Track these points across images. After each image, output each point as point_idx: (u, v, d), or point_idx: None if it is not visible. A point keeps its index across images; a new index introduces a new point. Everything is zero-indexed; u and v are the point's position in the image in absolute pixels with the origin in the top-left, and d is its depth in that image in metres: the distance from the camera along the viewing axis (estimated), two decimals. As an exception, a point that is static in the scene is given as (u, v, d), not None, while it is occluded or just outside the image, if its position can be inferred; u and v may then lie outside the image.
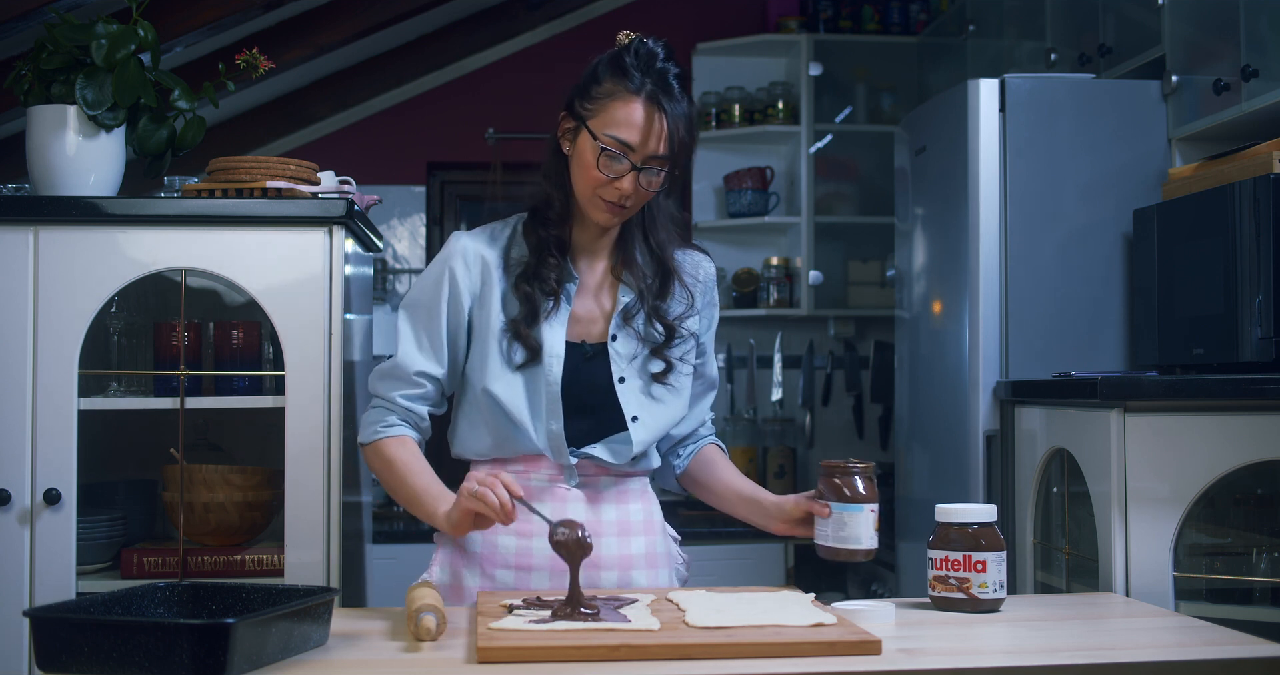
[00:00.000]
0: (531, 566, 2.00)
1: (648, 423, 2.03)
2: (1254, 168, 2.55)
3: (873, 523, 1.90)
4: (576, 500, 2.02)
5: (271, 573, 2.46)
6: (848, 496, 1.90)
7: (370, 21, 3.83)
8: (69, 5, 2.64)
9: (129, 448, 2.73)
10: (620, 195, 1.96)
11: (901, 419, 3.61)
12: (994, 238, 3.01)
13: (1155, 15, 3.00)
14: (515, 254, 2.06)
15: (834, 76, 4.66)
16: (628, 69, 1.95)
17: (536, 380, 2.00)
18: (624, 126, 1.93)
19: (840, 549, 1.90)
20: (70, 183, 2.42)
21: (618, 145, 1.93)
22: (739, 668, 1.53)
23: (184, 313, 2.46)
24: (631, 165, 1.94)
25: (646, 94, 1.93)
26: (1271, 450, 2.22)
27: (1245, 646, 1.67)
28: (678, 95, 1.95)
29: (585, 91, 1.98)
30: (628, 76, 1.94)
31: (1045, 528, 2.70)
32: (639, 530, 2.07)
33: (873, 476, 1.93)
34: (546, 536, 1.82)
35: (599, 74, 1.98)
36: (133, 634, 1.44)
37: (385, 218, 4.94)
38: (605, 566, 2.02)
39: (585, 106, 1.98)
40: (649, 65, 1.95)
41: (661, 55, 1.96)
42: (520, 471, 2.02)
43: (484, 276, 2.04)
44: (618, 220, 2.02)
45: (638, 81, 1.94)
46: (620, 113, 1.94)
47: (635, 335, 2.06)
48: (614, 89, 1.95)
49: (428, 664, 1.57)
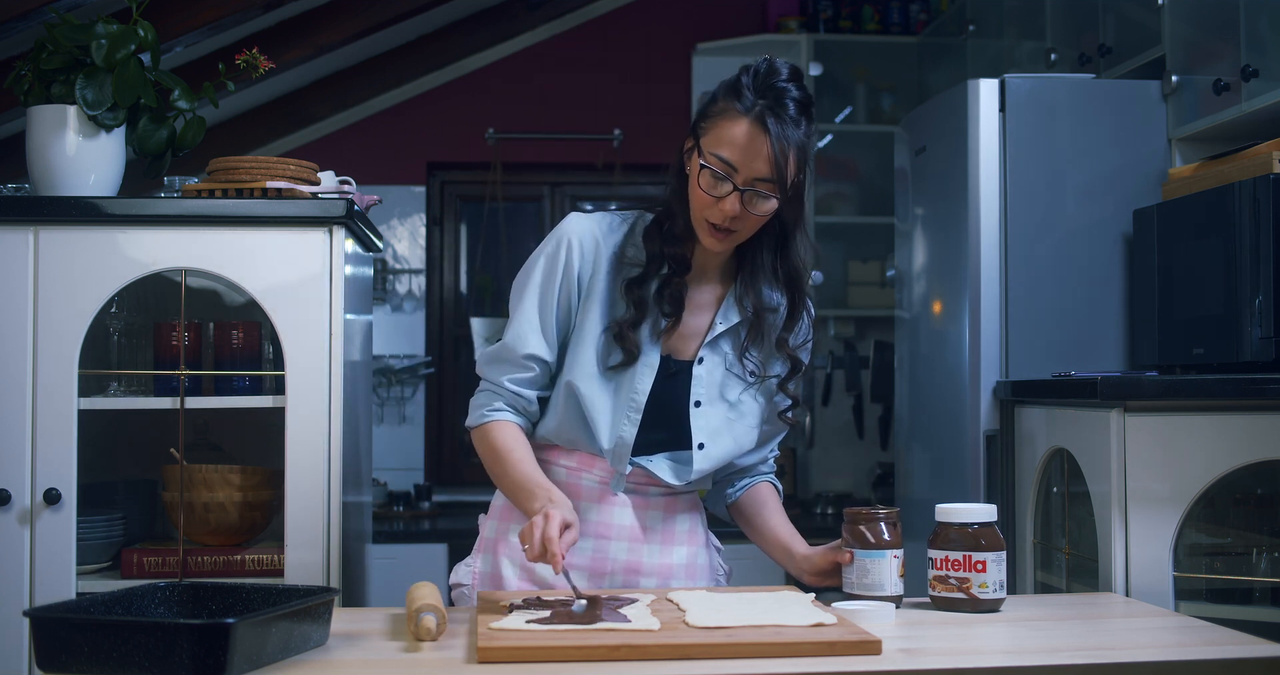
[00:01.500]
0: (571, 564, 1.99)
1: (711, 453, 2.00)
2: (1254, 168, 2.55)
3: (896, 568, 1.92)
4: (624, 505, 2.02)
5: (271, 573, 2.46)
6: (871, 543, 1.91)
7: (370, 21, 3.83)
8: (69, 5, 2.64)
9: (129, 448, 2.73)
10: (724, 216, 1.90)
11: (901, 419, 3.61)
12: (994, 238, 3.01)
13: (1155, 15, 3.00)
14: (631, 254, 2.01)
15: (834, 76, 4.66)
16: (741, 88, 1.90)
17: (622, 386, 1.97)
18: (727, 145, 1.88)
19: (863, 596, 1.91)
20: (70, 183, 2.42)
21: (721, 164, 1.88)
22: (739, 668, 1.53)
23: (184, 313, 2.46)
24: (734, 186, 1.88)
25: (755, 114, 1.87)
26: (1271, 450, 2.22)
27: (1245, 646, 1.67)
28: (791, 118, 1.88)
29: (705, 110, 1.94)
30: (739, 96, 1.89)
31: (1045, 528, 2.70)
32: (682, 541, 2.07)
33: (896, 522, 1.94)
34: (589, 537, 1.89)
35: (718, 93, 1.94)
36: (133, 634, 1.44)
37: (385, 218, 4.94)
38: (645, 573, 2.02)
39: (701, 125, 1.93)
40: (765, 85, 1.89)
41: (783, 75, 1.90)
42: (573, 468, 2.02)
43: (595, 265, 1.99)
44: (724, 246, 1.95)
45: (749, 101, 1.88)
46: (726, 132, 1.89)
47: (723, 361, 2.02)
48: (725, 107, 1.90)
49: (428, 664, 1.57)
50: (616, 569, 2.01)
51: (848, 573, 1.94)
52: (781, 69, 1.91)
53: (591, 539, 2.00)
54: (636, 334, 1.96)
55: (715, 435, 2.01)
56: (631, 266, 1.99)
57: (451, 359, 5.20)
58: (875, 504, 1.98)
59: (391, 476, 4.93)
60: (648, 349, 1.97)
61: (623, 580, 2.02)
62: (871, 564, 1.91)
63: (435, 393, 5.15)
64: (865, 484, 4.57)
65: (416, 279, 5.05)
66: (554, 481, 1.98)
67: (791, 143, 1.87)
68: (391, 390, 4.99)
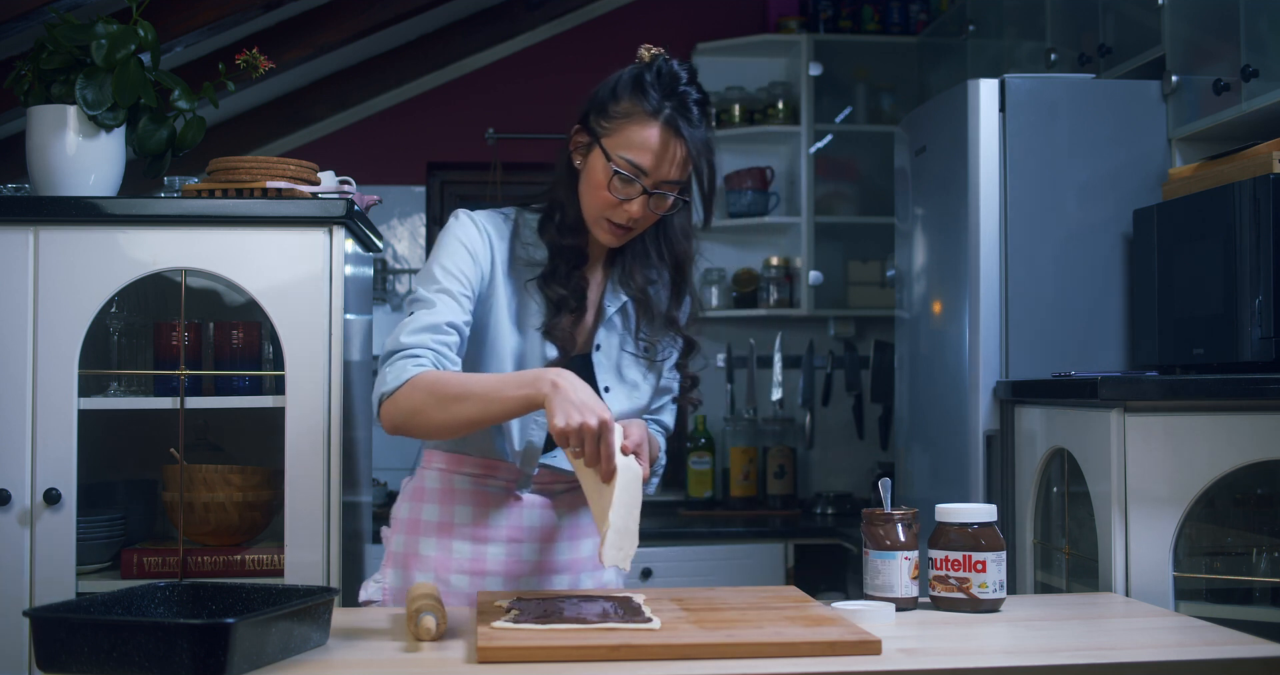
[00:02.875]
0: (485, 571, 1.99)
1: None
2: (1254, 168, 2.55)
3: (908, 570, 1.92)
4: (532, 506, 2.02)
5: (271, 573, 2.46)
6: (885, 544, 1.92)
7: (370, 21, 3.83)
8: (69, 5, 2.64)
9: (129, 448, 2.73)
10: (629, 218, 1.91)
11: (901, 419, 3.61)
12: (994, 238, 3.01)
13: (1155, 15, 3.00)
14: (522, 253, 2.00)
15: (834, 76, 4.66)
16: (647, 90, 1.89)
17: None
18: (639, 149, 1.88)
19: (875, 597, 1.92)
20: (70, 183, 2.42)
21: (631, 168, 1.89)
22: (739, 668, 1.53)
23: (184, 313, 2.46)
24: (643, 189, 1.90)
25: (665, 118, 1.88)
26: (1271, 450, 2.22)
27: (1245, 646, 1.67)
28: (697, 121, 1.89)
29: (603, 108, 1.93)
30: (647, 98, 1.89)
31: (1045, 528, 2.70)
32: (588, 533, 2.08)
33: (911, 524, 1.94)
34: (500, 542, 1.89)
35: (618, 92, 1.92)
36: (133, 634, 1.44)
37: (385, 218, 4.94)
38: (559, 571, 2.03)
39: (602, 124, 1.92)
40: (671, 88, 1.89)
41: (684, 78, 1.90)
42: (478, 474, 2.01)
43: (493, 261, 1.97)
44: (621, 242, 1.97)
45: (656, 103, 1.88)
46: (636, 135, 1.89)
47: (619, 343, 2.03)
48: (632, 110, 1.89)
49: (428, 664, 1.57)
50: (529, 571, 2.01)
51: (863, 573, 1.95)
52: (681, 72, 1.91)
53: (504, 543, 2.00)
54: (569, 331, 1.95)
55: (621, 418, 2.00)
56: (528, 266, 1.98)
57: (451, 359, 5.19)
58: (900, 506, 1.97)
59: (391, 476, 4.93)
60: (548, 348, 1.96)
61: (538, 582, 2.02)
62: (883, 565, 1.91)
63: (435, 393, 5.14)
64: (865, 484, 4.56)
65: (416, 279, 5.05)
66: (458, 490, 1.99)
67: (702, 145, 1.89)
68: (391, 390, 4.98)
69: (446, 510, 2.01)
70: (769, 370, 4.65)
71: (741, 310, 4.63)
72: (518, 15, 4.68)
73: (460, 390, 1.79)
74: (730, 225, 4.65)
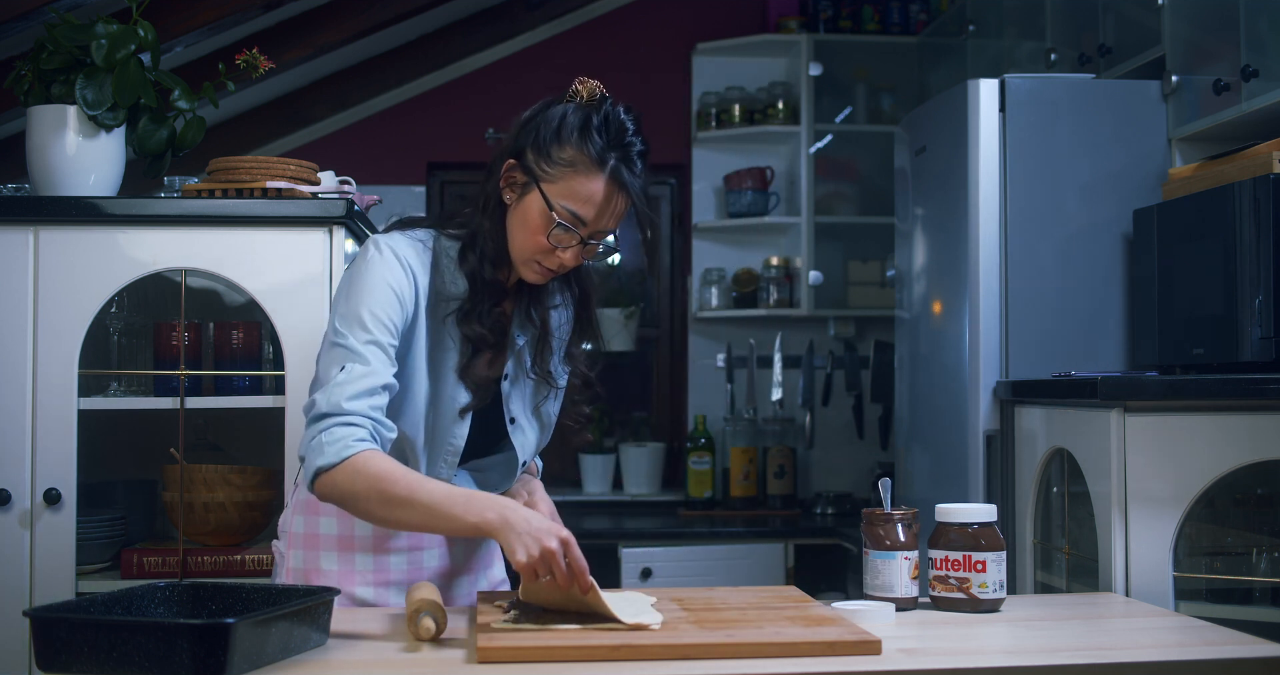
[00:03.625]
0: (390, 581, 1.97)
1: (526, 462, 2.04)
2: (1254, 168, 2.55)
3: (908, 570, 1.92)
4: None
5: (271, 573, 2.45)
6: (885, 544, 1.92)
7: (370, 21, 3.83)
8: (69, 5, 2.64)
9: (129, 448, 2.73)
10: (560, 264, 1.88)
11: (901, 419, 3.61)
12: (994, 238, 3.01)
13: (1155, 15, 3.00)
14: (440, 286, 1.91)
15: (834, 76, 4.66)
16: (594, 140, 1.83)
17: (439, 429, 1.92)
18: (582, 202, 1.84)
19: (875, 597, 1.92)
20: (70, 183, 2.42)
21: (572, 219, 1.84)
22: (739, 668, 1.53)
23: (184, 313, 2.46)
24: (581, 239, 1.87)
25: (610, 170, 1.83)
26: (1271, 450, 2.22)
27: (1245, 646, 1.67)
28: (639, 172, 1.87)
29: (544, 150, 1.85)
30: (593, 148, 1.83)
31: (1045, 528, 2.70)
32: None
33: (911, 524, 1.94)
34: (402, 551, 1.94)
35: (562, 137, 1.84)
36: (132, 634, 1.44)
37: (385, 218, 4.93)
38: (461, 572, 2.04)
39: (543, 167, 1.85)
40: (618, 139, 1.84)
41: (630, 130, 1.86)
42: None
43: (416, 301, 1.89)
44: (544, 281, 1.94)
45: (602, 155, 1.83)
46: (581, 187, 1.84)
47: (525, 373, 2.00)
48: (577, 159, 1.83)
49: (428, 664, 1.57)
50: (432, 576, 2.00)
51: (863, 573, 1.95)
52: (628, 121, 1.86)
53: (405, 553, 1.98)
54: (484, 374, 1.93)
55: (528, 447, 2.02)
56: (447, 300, 1.91)
57: (451, 359, 5.20)
58: (900, 506, 1.97)
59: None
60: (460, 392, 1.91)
61: (443, 585, 2.01)
62: (883, 565, 1.91)
63: (435, 393, 5.15)
64: (865, 484, 4.56)
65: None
66: None
67: (641, 196, 1.87)
68: (391, 390, 4.98)
69: (345, 523, 1.96)
70: (769, 370, 4.65)
71: (741, 310, 4.63)
72: (518, 15, 4.68)
73: (406, 495, 1.71)
74: (730, 225, 4.65)
